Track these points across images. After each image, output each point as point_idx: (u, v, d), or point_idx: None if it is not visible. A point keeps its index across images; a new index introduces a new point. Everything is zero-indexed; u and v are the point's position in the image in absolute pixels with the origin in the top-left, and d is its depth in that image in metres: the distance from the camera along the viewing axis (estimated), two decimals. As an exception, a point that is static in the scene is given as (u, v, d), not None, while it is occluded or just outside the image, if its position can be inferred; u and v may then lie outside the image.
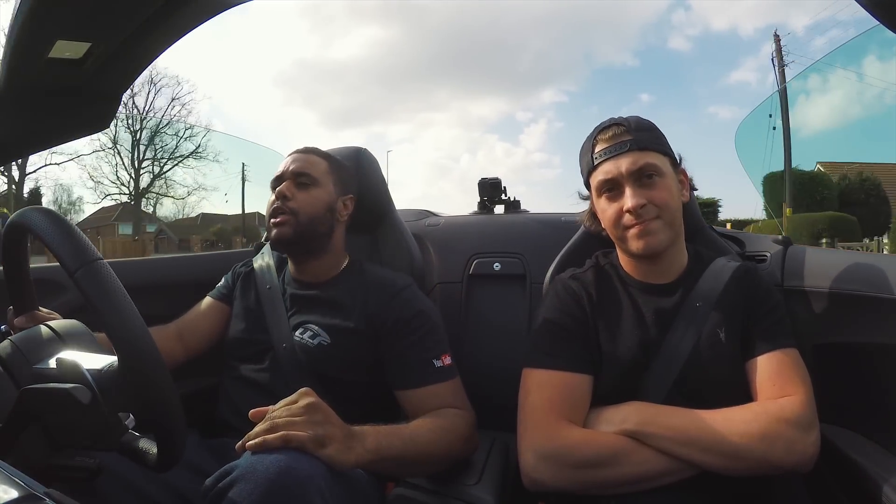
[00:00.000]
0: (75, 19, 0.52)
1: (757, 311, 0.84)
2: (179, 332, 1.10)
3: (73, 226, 0.60)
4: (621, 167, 0.84)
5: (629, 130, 0.86)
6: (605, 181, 0.85)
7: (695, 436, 0.74)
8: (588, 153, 0.89)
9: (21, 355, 0.66)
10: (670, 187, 0.85)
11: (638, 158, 0.84)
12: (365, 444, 0.73)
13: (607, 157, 0.85)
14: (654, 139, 0.87)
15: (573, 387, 0.82)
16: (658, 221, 0.83)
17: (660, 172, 0.84)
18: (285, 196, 1.01)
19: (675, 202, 0.85)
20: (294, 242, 1.02)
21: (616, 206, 0.85)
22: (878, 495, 0.78)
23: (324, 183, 1.05)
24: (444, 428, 0.86)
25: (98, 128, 0.72)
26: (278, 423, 0.68)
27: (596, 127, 0.90)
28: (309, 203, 1.02)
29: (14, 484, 0.43)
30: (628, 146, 0.84)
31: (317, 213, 1.03)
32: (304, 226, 1.01)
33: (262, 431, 0.67)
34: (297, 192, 1.02)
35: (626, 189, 0.84)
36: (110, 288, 0.57)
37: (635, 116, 0.89)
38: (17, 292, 0.79)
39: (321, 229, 1.04)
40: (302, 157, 1.06)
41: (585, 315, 0.87)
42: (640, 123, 0.88)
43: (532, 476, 0.78)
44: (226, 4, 0.57)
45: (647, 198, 0.83)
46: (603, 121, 0.90)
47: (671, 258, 0.89)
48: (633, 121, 0.88)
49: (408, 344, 0.96)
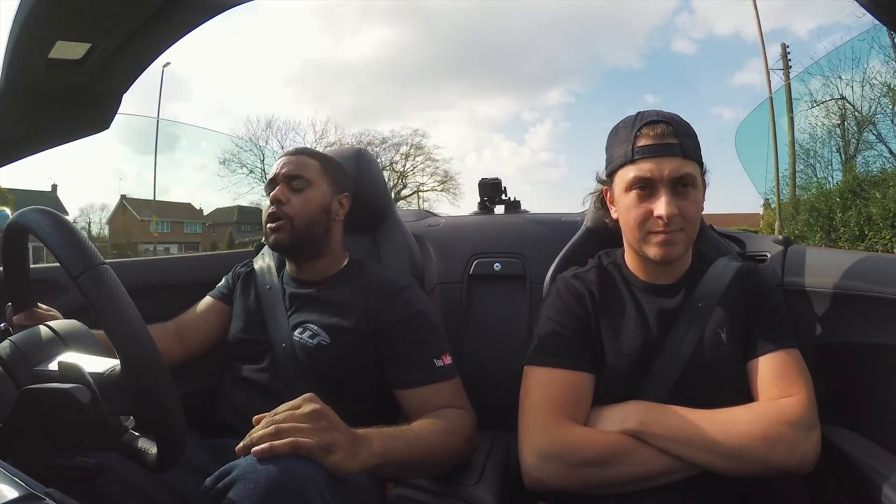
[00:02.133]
0: (75, 19, 0.52)
1: (759, 311, 0.84)
2: (179, 331, 1.10)
3: (77, 229, 0.60)
4: (664, 171, 0.79)
5: (676, 133, 0.81)
6: (641, 178, 0.81)
7: (696, 436, 0.74)
8: (627, 143, 0.83)
9: (21, 356, 0.66)
10: (699, 200, 0.83)
11: (682, 166, 0.80)
12: (371, 449, 0.72)
13: (650, 155, 0.80)
14: (696, 147, 0.83)
15: (575, 385, 0.82)
16: (682, 234, 0.81)
17: (695, 184, 0.82)
18: (280, 200, 1.01)
19: (698, 216, 0.84)
20: (292, 247, 1.02)
21: (645, 208, 0.81)
22: (878, 495, 0.78)
23: (317, 184, 1.05)
24: (447, 429, 0.86)
25: (98, 128, 0.72)
26: (284, 427, 0.66)
27: (640, 115, 0.84)
28: (303, 206, 1.02)
29: (14, 484, 0.43)
30: (675, 150, 0.80)
31: (312, 216, 1.03)
32: (301, 230, 1.01)
33: (267, 436, 0.65)
34: (291, 196, 1.02)
35: (661, 194, 0.80)
36: (114, 293, 0.57)
37: (678, 116, 0.85)
38: (17, 290, 0.79)
39: (318, 231, 1.04)
40: (294, 160, 1.06)
41: (587, 314, 0.87)
42: (686, 127, 0.83)
43: (533, 475, 0.78)
44: (226, 4, 0.57)
45: (679, 208, 0.80)
46: (647, 111, 0.85)
47: (678, 261, 0.88)
48: (680, 122, 0.83)
49: (408, 344, 0.96)
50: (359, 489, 0.80)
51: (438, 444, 0.84)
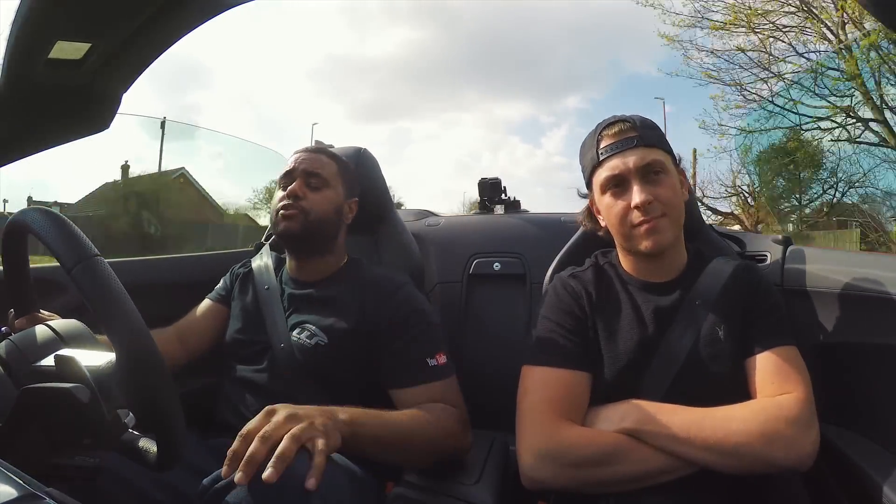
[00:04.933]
0: (75, 19, 0.52)
1: (756, 309, 0.84)
2: (180, 335, 1.10)
3: (71, 223, 0.60)
4: (629, 163, 0.83)
5: (635, 127, 0.85)
6: (611, 177, 0.85)
7: (694, 434, 0.74)
8: (592, 149, 0.88)
9: (21, 355, 0.66)
10: (675, 185, 0.86)
11: (646, 154, 0.83)
12: (340, 416, 0.72)
13: (614, 152, 0.85)
14: (659, 137, 0.87)
15: (572, 385, 0.82)
16: (665, 219, 0.83)
17: (665, 170, 0.85)
18: (297, 195, 1.01)
19: (678, 200, 0.86)
20: (301, 238, 1.02)
21: (623, 203, 0.84)
22: (878, 495, 0.78)
23: (334, 185, 1.05)
24: (427, 419, 0.85)
25: (98, 128, 0.72)
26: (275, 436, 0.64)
27: (599, 124, 0.89)
28: (319, 204, 1.02)
29: (14, 484, 0.43)
30: (635, 142, 0.84)
31: (326, 215, 1.03)
32: (313, 224, 1.01)
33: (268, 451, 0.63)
34: (307, 192, 1.02)
35: (633, 185, 0.83)
36: (107, 283, 0.57)
37: (638, 115, 0.89)
38: (18, 294, 0.79)
39: (328, 231, 1.04)
40: (313, 157, 1.06)
41: (585, 313, 0.88)
42: (645, 121, 0.88)
43: (531, 475, 0.78)
44: (226, 4, 0.57)
45: (653, 194, 0.82)
46: (606, 118, 0.90)
47: (671, 256, 0.89)
48: (638, 118, 0.88)
49: (403, 342, 0.96)
50: (358, 488, 0.80)
51: (414, 429, 0.82)
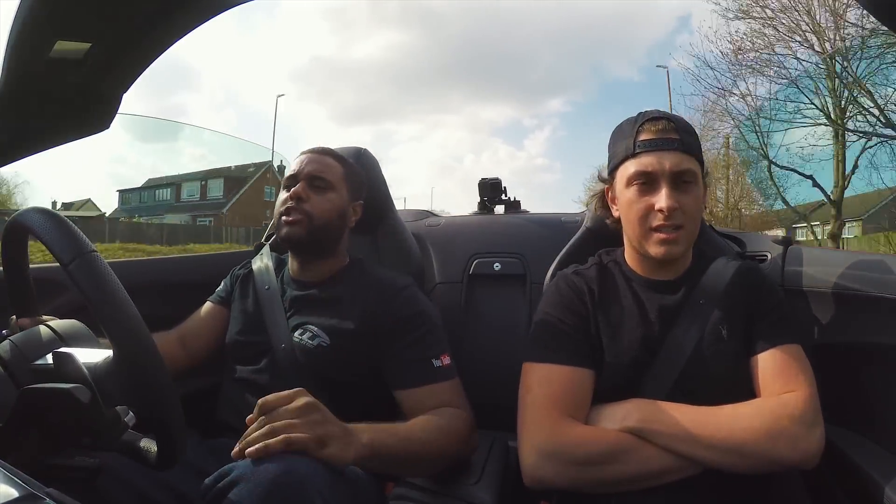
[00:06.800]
0: (75, 19, 0.52)
1: (760, 308, 0.84)
2: (182, 338, 1.10)
3: (67, 220, 0.60)
4: (665, 164, 0.81)
5: (677, 129, 0.83)
6: (642, 173, 0.82)
7: (698, 432, 0.74)
8: (628, 138, 0.84)
9: (21, 355, 0.66)
10: (699, 197, 0.84)
11: (683, 160, 0.81)
12: (361, 440, 0.73)
13: (652, 149, 0.82)
14: (698, 145, 0.85)
15: (575, 382, 0.82)
16: (682, 231, 0.82)
17: (696, 180, 0.83)
18: (301, 198, 1.00)
19: (699, 214, 0.85)
20: (305, 243, 1.02)
21: (647, 202, 0.82)
22: (879, 495, 0.78)
23: (339, 188, 1.05)
24: (441, 428, 0.86)
25: (98, 128, 0.72)
26: (277, 426, 0.66)
27: (641, 114, 0.86)
28: (323, 207, 1.01)
29: (14, 484, 0.43)
30: (676, 145, 0.82)
31: (330, 219, 1.02)
32: (318, 229, 1.01)
33: (262, 436, 0.65)
34: (312, 195, 1.01)
35: (662, 187, 0.81)
36: (104, 279, 0.57)
37: (680, 116, 0.87)
38: (19, 297, 0.78)
39: (332, 234, 1.04)
40: (318, 159, 1.05)
41: (587, 310, 0.87)
42: (687, 126, 0.85)
43: (533, 474, 0.77)
44: (226, 4, 0.57)
45: (679, 202, 0.81)
46: (649, 110, 0.86)
47: (678, 258, 0.88)
48: (681, 120, 0.85)
49: (407, 343, 0.96)
50: (359, 489, 0.80)
51: (431, 442, 0.83)
